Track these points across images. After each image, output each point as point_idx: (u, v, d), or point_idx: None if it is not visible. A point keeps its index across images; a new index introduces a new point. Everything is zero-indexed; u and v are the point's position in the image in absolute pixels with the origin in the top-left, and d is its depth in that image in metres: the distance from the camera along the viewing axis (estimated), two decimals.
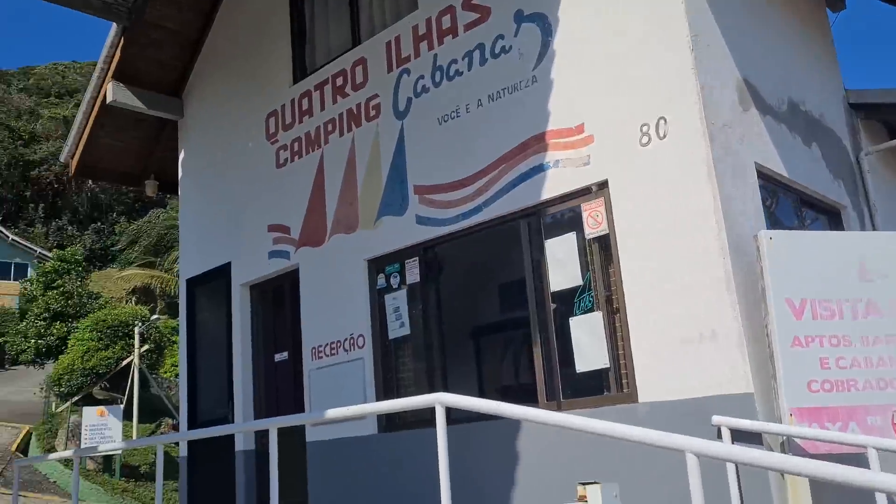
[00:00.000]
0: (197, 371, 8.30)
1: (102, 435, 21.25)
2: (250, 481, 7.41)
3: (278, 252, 7.40)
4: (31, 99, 76.11)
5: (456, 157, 5.94)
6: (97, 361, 24.27)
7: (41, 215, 61.43)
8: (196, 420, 8.16)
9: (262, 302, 7.75)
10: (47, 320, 27.39)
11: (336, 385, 6.59)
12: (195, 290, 8.48)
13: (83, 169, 9.04)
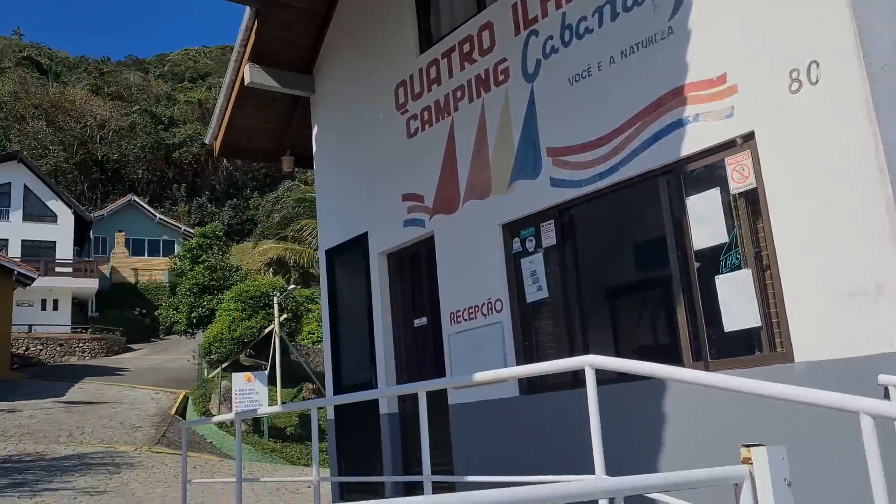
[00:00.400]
0: (340, 338, 8.64)
1: (250, 399, 22.55)
2: (396, 443, 7.68)
3: (413, 220, 7.55)
4: (168, 85, 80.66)
5: (589, 117, 5.84)
6: (242, 331, 25.68)
7: (183, 194, 65.32)
8: (341, 385, 8.51)
9: (400, 269, 7.95)
10: (196, 293, 29.18)
11: (475, 348, 6.70)
12: (334, 260, 8.79)
13: (226, 149, 9.52)
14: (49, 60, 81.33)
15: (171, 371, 30.84)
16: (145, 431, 19.72)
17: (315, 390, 26.24)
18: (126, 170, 63.28)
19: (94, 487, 12.24)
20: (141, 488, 12.54)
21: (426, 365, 7.55)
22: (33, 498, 11.16)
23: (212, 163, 67.44)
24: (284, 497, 12.41)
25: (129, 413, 21.90)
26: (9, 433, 17.87)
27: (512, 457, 6.25)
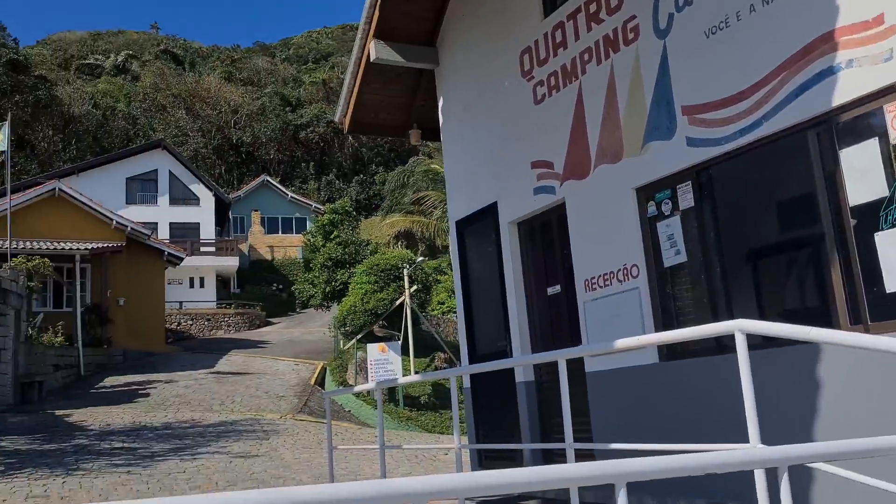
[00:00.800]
0: (473, 308, 8.72)
1: (385, 369, 23.22)
2: (532, 410, 7.70)
3: (543, 188, 7.48)
4: (293, 67, 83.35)
5: (727, 71, 5.56)
6: (375, 303, 26.40)
7: (311, 173, 67.59)
8: (475, 354, 8.60)
9: (531, 238, 7.92)
10: (330, 268, 30.22)
11: (611, 315, 6.60)
12: (464, 230, 8.85)
13: (355, 126, 9.74)
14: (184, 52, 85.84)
15: (308, 343, 32.22)
16: (288, 400, 20.72)
17: (447, 359, 26.71)
18: (259, 151, 66.10)
19: (246, 452, 13.00)
20: (288, 454, 13.20)
21: (560, 333, 7.51)
22: (193, 462, 11.97)
23: (338, 141, 69.41)
24: (423, 464, 12.76)
25: (273, 383, 23.06)
26: (168, 402, 19.23)
27: (651, 424, 6.14)
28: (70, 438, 13.90)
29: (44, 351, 21.42)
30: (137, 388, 21.18)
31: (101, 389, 21.31)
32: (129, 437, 14.17)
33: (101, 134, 63.47)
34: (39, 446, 13.07)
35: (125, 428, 15.28)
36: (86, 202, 27.38)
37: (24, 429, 15.12)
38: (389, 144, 71.03)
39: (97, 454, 12.43)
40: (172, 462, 11.84)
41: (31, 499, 9.21)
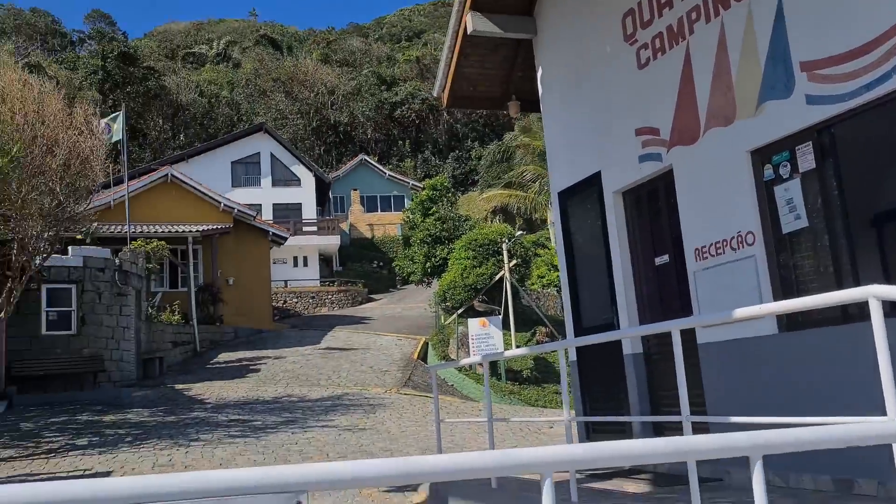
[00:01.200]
0: (577, 280, 8.58)
1: (486, 343, 23.30)
2: (641, 383, 7.54)
3: (649, 155, 7.25)
4: (386, 46, 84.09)
5: (851, 22, 5.20)
6: (474, 278, 26.47)
7: (408, 150, 68.20)
8: (581, 326, 8.48)
9: (637, 207, 7.70)
10: (429, 244, 30.47)
11: (724, 285, 6.35)
12: (567, 202, 8.71)
13: (454, 100, 9.70)
14: (281, 36, 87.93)
15: (409, 319, 32.68)
16: (392, 375, 21.11)
17: (548, 333, 26.57)
18: (356, 131, 67.18)
19: (354, 425, 13.32)
20: (394, 426, 13.44)
21: (670, 304, 7.30)
22: (304, 434, 12.36)
23: (433, 117, 69.72)
24: (529, 437, 12.75)
25: (377, 358, 23.54)
26: (277, 377, 19.93)
27: (768, 396, 5.90)
28: (189, 411, 14.61)
29: (162, 329, 22.56)
30: (249, 364, 22.03)
31: (216, 365, 22.28)
32: (243, 410, 14.77)
33: (207, 121, 65.96)
34: (162, 418, 13.80)
35: (239, 401, 15.93)
36: (196, 186, 28.53)
37: (148, 402, 15.99)
38: (484, 119, 70.82)
39: (215, 426, 13.02)
40: (284, 434, 12.26)
41: (158, 467, 9.73)
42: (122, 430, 12.54)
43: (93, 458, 10.46)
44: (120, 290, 18.74)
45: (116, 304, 18.70)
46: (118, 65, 59.61)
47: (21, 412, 14.89)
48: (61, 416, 14.19)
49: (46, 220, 12.94)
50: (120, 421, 13.52)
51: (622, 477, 7.01)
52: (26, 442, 11.75)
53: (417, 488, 8.38)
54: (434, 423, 11.72)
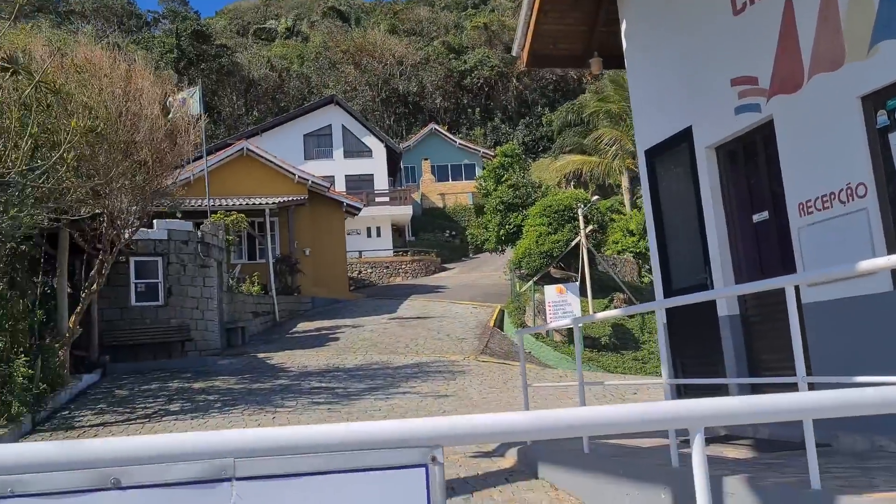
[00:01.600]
0: (666, 240, 8.28)
1: (563, 310, 23.06)
2: (738, 345, 7.24)
3: (746, 106, 6.87)
4: (453, 14, 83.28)
5: None
6: (549, 244, 26.17)
7: (477, 118, 67.75)
8: (671, 288, 8.19)
9: (732, 162, 7.34)
10: (502, 211, 30.23)
11: (832, 241, 5.98)
12: (654, 160, 8.38)
13: (533, 59, 9.42)
14: (349, 8, 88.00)
15: (484, 287, 32.61)
16: (469, 342, 21.10)
17: (625, 300, 26.13)
18: (425, 101, 67.04)
19: (435, 392, 13.34)
20: (475, 393, 13.42)
21: (769, 262, 6.95)
22: (387, 401, 12.44)
23: (502, 84, 68.97)
24: (613, 403, 12.51)
25: (454, 326, 23.57)
26: (356, 346, 20.16)
27: (879, 356, 5.55)
28: (274, 378, 14.90)
29: (243, 299, 23.07)
30: (327, 333, 22.35)
31: (295, 334, 22.69)
32: (325, 378, 14.98)
33: (279, 95, 66.83)
34: (248, 385, 14.11)
35: (321, 369, 16.17)
36: (271, 159, 28.93)
37: (233, 370, 16.38)
38: (554, 84, 69.71)
39: (298, 393, 13.23)
40: (367, 401, 12.37)
41: None
42: (211, 397, 12.87)
43: (185, 422, 10.75)
44: (203, 261, 19.19)
45: (200, 276, 19.16)
46: (192, 43, 60.83)
47: (115, 380, 15.46)
48: (153, 384, 14.66)
49: (134, 195, 13.25)
50: (209, 388, 13.88)
51: (719, 443, 6.78)
52: (122, 408, 12.17)
53: (505, 454, 8.30)
54: (521, 388, 11.60)
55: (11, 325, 11.37)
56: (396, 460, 1.61)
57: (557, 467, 7.07)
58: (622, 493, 6.01)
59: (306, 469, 1.52)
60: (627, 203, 40.45)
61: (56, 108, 10.38)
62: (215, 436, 1.49)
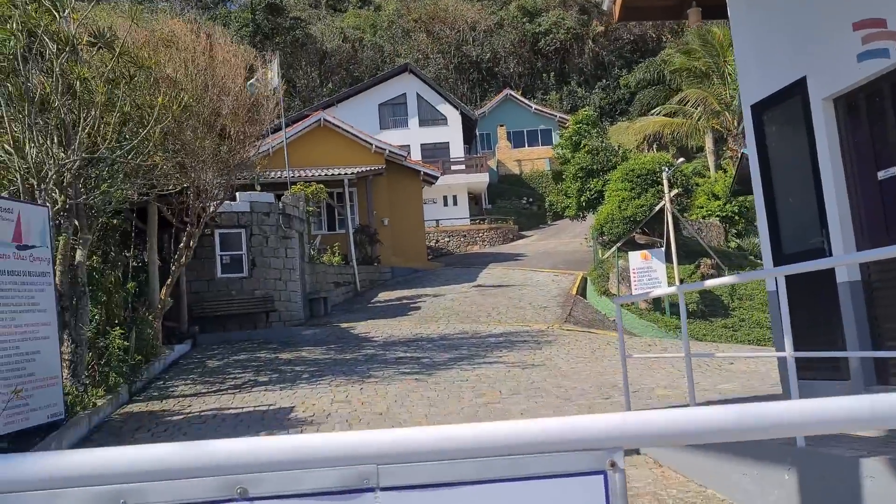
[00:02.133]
0: (776, 202, 7.72)
1: (649, 277, 22.42)
2: (860, 315, 6.69)
3: (872, 52, 6.25)
4: None
5: None
6: (633, 209, 25.45)
7: (552, 83, 66.40)
8: (781, 253, 7.65)
9: (853, 114, 6.73)
10: (582, 178, 29.54)
11: None
12: (762, 115, 7.79)
13: (626, 12, 8.89)
14: None
15: (564, 254, 32.07)
16: (552, 311, 20.73)
17: (713, 265, 25.23)
18: (498, 66, 66.07)
19: (522, 362, 13.08)
20: (563, 363, 13.09)
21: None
22: (473, 371, 12.24)
23: (577, 47, 67.31)
24: (711, 375, 11.97)
25: (535, 294, 23.22)
26: (438, 315, 20.05)
27: None
28: (359, 349, 14.90)
29: (324, 270, 23.24)
30: (408, 303, 22.32)
31: (377, 304, 22.75)
32: (409, 348, 14.89)
33: (352, 65, 66.95)
34: (334, 356, 14.13)
35: (405, 339, 16.10)
36: (348, 130, 28.94)
37: (318, 340, 16.48)
38: (631, 45, 67.66)
39: (384, 363, 13.17)
40: (454, 371, 12.20)
41: (336, 403, 9.88)
42: (298, 367, 12.93)
43: (275, 393, 10.80)
44: (285, 233, 19.32)
45: (282, 247, 19.32)
46: (266, 17, 61.35)
47: (204, 350, 15.75)
48: (241, 354, 14.86)
49: (219, 168, 13.32)
50: (296, 358, 13.96)
51: None
52: (214, 378, 12.34)
53: None
54: (618, 358, 11.20)
55: (106, 298, 11.61)
56: (567, 466, 1.32)
57: None
58: (739, 472, 5.62)
59: (458, 478, 1.25)
60: (711, 165, 39.04)
61: (143, 82, 10.41)
62: (354, 437, 1.23)
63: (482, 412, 9.14)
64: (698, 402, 9.06)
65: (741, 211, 33.52)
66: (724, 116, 36.15)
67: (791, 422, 1.34)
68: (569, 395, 10.07)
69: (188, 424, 9.06)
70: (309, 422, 8.83)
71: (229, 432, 8.57)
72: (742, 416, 1.33)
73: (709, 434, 1.32)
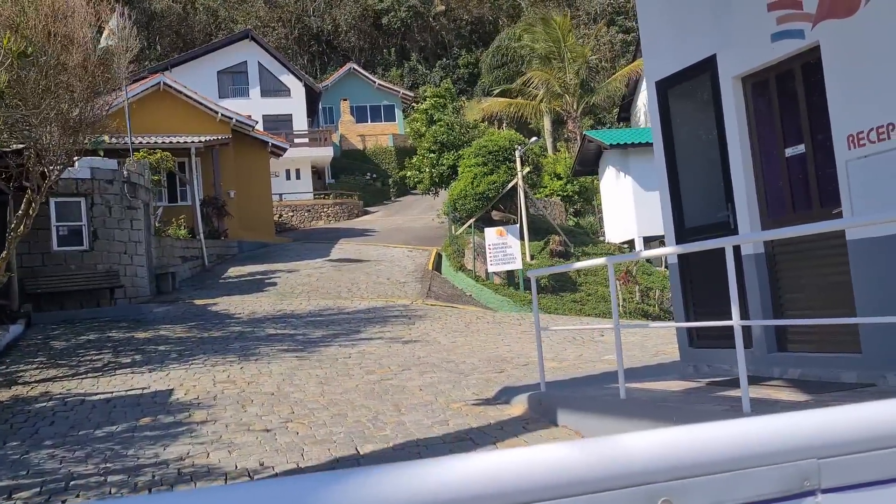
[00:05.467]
0: (679, 178, 7.92)
1: (504, 253, 22.80)
2: (763, 286, 7.01)
3: (786, 32, 6.48)
4: None
5: None
6: (485, 186, 25.77)
7: (393, 59, 66.05)
8: (683, 228, 7.88)
9: (762, 93, 6.99)
10: (436, 152, 29.55)
11: (889, 174, 5.73)
12: (667, 91, 7.96)
13: None
14: None
15: (415, 230, 32.03)
16: (411, 286, 20.62)
17: (561, 242, 26.11)
18: (339, 39, 64.79)
19: (400, 337, 12.84)
20: (442, 338, 12.99)
21: (801, 198, 6.71)
22: (354, 347, 11.86)
23: (418, 24, 67.28)
24: (585, 346, 12.28)
25: (392, 270, 22.99)
26: (297, 291, 19.34)
27: None
28: (224, 326, 14.03)
29: (171, 244, 21.78)
30: (263, 278, 21.39)
31: (229, 279, 21.62)
32: (278, 324, 14.22)
33: (184, 29, 63.14)
34: (199, 334, 13.21)
35: (270, 315, 15.37)
36: (191, 95, 27.19)
37: (174, 318, 15.36)
38: (471, 26, 68.59)
39: (257, 340, 12.48)
40: (334, 347, 11.76)
41: (219, 384, 9.19)
42: (162, 347, 11.96)
43: (144, 375, 9.91)
44: (130, 203, 17.85)
45: (127, 218, 17.84)
46: None
47: (43, 330, 14.24)
48: (89, 334, 13.56)
49: (66, 126, 11.95)
50: (155, 337, 12.92)
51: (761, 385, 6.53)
52: (66, 360, 11.15)
53: (512, 401, 7.91)
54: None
55: None
56: None
57: (584, 414, 6.71)
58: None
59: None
60: (549, 146, 40.37)
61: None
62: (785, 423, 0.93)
63: (379, 388, 8.82)
64: (593, 373, 9.25)
65: (580, 191, 34.99)
66: (565, 99, 37.49)
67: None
68: (461, 370, 9.95)
69: (53, 413, 8.07)
70: (196, 405, 8.13)
71: (103, 420, 7.72)
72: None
73: None
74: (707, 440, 0.87)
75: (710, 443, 0.87)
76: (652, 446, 0.85)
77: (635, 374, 8.21)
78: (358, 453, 6.20)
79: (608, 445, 0.85)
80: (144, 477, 5.74)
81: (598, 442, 0.86)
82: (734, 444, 0.87)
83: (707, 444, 0.87)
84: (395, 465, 0.77)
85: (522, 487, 0.80)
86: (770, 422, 0.92)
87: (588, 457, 0.83)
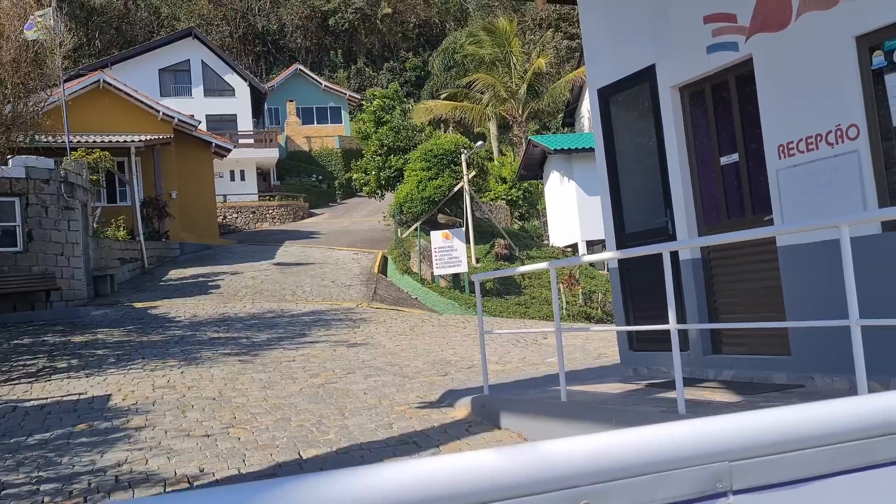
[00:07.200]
0: (620, 185, 8.09)
1: (450, 256, 22.91)
2: (700, 290, 7.21)
3: (721, 45, 6.69)
4: None
5: None
6: (431, 190, 25.83)
7: (340, 61, 65.69)
8: (624, 232, 8.05)
9: (698, 103, 7.19)
10: (383, 154, 29.49)
11: (817, 183, 5.96)
12: (609, 98, 8.12)
13: None
14: None
15: (361, 233, 31.91)
16: (357, 289, 20.54)
17: (506, 245, 26.33)
18: (284, 40, 64.15)
19: (345, 340, 12.79)
20: (387, 341, 12.98)
21: (735, 205, 6.93)
22: (298, 350, 11.78)
23: (365, 27, 67.05)
24: (530, 348, 12.42)
25: (337, 273, 22.87)
26: (240, 293, 19.10)
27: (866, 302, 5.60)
28: (164, 330, 13.77)
29: (110, 245, 21.27)
30: (206, 281, 21.05)
31: (170, 282, 21.22)
32: (221, 327, 14.02)
33: (125, 26, 61.73)
34: (138, 338, 12.94)
35: (212, 318, 15.14)
36: (131, 93, 26.62)
37: (112, 321, 15.02)
38: (418, 30, 68.66)
39: (198, 344, 12.29)
40: (278, 351, 11.66)
41: (159, 389, 9.03)
42: (100, 352, 11.68)
43: (81, 380, 9.67)
44: (67, 203, 17.38)
45: (64, 219, 17.37)
46: None
47: None
48: (23, 338, 13.17)
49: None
50: (93, 341, 12.61)
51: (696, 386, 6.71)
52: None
53: (455, 404, 7.97)
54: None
55: None
56: None
57: (526, 417, 6.81)
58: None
59: (808, 472, 1.04)
60: (495, 150, 40.65)
61: None
62: (699, 427, 0.99)
63: (323, 392, 8.78)
64: (536, 375, 9.36)
65: (525, 195, 35.33)
66: (511, 103, 37.79)
67: None
68: (406, 373, 9.97)
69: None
70: (134, 410, 7.97)
71: (37, 427, 7.52)
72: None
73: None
74: (626, 445, 0.92)
75: (629, 447, 0.92)
76: (573, 451, 0.90)
77: (577, 376, 8.36)
78: (301, 458, 6.17)
79: (531, 451, 0.90)
80: (80, 485, 5.62)
81: (521, 448, 0.91)
82: (652, 449, 0.93)
83: (626, 449, 0.92)
84: (315, 476, 0.80)
85: (449, 494, 0.83)
86: (685, 427, 0.98)
87: (512, 463, 0.87)
